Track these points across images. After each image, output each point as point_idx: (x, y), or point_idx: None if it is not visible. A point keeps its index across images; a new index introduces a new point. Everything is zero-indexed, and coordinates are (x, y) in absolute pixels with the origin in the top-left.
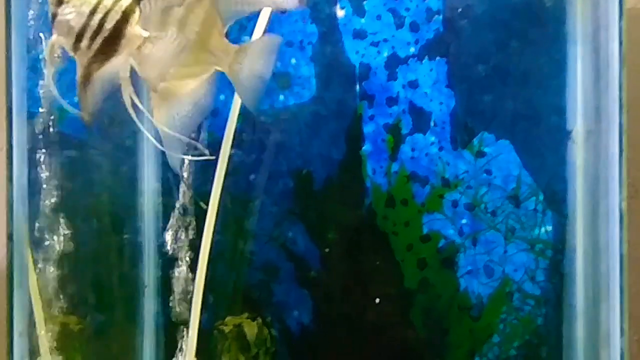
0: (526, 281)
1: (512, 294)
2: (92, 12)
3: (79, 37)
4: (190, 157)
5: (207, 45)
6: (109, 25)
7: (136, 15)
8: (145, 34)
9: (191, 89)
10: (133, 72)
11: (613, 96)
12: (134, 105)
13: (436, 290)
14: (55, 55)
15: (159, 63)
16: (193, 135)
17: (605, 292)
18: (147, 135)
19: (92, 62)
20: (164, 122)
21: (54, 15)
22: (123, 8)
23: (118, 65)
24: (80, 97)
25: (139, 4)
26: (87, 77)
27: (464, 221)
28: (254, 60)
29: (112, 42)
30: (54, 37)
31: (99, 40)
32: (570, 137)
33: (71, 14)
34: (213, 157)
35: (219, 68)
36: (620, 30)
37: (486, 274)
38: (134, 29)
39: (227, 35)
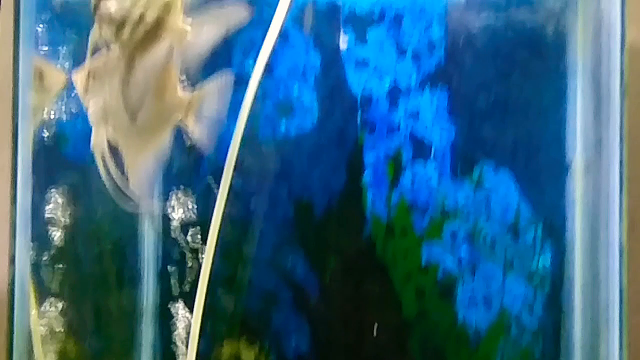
0: (524, 313)
1: (510, 326)
2: (134, 2)
3: (120, 27)
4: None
5: (163, 98)
6: (150, 15)
7: (178, 5)
8: (187, 24)
9: (155, 145)
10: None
11: (614, 129)
12: (107, 171)
13: (434, 320)
14: (98, 46)
15: (199, 52)
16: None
17: (604, 326)
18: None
19: (134, 51)
20: (137, 181)
21: (96, 7)
22: None
23: (161, 53)
24: (124, 91)
25: None
26: (130, 68)
27: (463, 252)
28: (209, 103)
29: (154, 32)
30: (96, 28)
31: (140, 30)
32: (570, 169)
33: (113, 5)
34: None
35: (176, 119)
36: (622, 64)
37: (484, 305)
38: (176, 19)
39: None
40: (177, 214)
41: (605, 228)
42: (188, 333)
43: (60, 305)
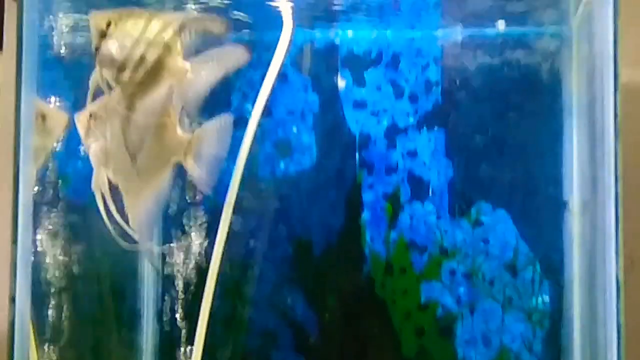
0: (524, 351)
1: None
2: (135, 45)
3: (121, 69)
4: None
5: (162, 139)
6: (151, 56)
7: (178, 46)
8: (187, 65)
9: (155, 187)
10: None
11: (609, 168)
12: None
13: (434, 358)
14: (99, 88)
15: (199, 92)
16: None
17: None
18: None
19: (135, 92)
20: (136, 221)
21: (97, 48)
22: (165, 40)
23: (161, 96)
24: (124, 132)
25: (180, 35)
26: (130, 109)
27: (461, 290)
28: (210, 143)
29: (154, 73)
30: (98, 70)
31: (141, 71)
32: (566, 207)
33: (114, 47)
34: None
35: (175, 159)
36: (616, 104)
37: (484, 343)
38: (176, 60)
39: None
40: (177, 254)
41: (602, 266)
42: None
43: (60, 343)
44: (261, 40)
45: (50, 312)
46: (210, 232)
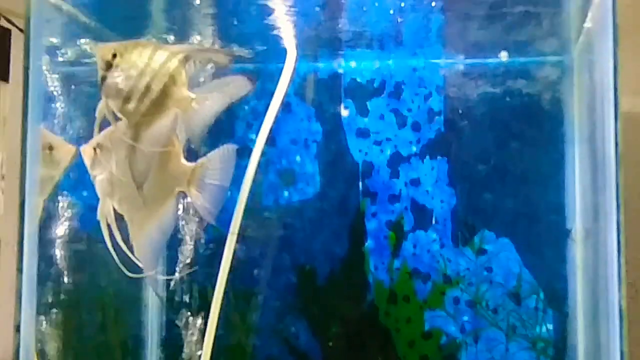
0: None
1: None
2: (140, 75)
3: (127, 99)
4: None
5: (166, 168)
6: (156, 87)
7: (182, 77)
8: (192, 95)
9: (159, 216)
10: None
11: (610, 196)
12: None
13: None
14: (105, 119)
15: (204, 122)
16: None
17: None
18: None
19: (140, 122)
20: (141, 250)
21: (103, 78)
22: (170, 70)
23: (165, 126)
24: (130, 162)
25: (185, 66)
26: (136, 139)
27: (465, 318)
28: (213, 172)
29: (159, 103)
30: (103, 101)
31: (146, 101)
32: (569, 235)
33: (120, 77)
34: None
35: (179, 189)
36: (616, 132)
37: None
38: (181, 90)
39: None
40: (181, 283)
41: (605, 294)
42: None
43: None
44: (265, 70)
45: (54, 340)
46: (215, 260)
